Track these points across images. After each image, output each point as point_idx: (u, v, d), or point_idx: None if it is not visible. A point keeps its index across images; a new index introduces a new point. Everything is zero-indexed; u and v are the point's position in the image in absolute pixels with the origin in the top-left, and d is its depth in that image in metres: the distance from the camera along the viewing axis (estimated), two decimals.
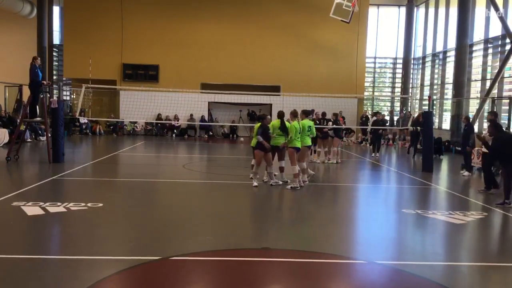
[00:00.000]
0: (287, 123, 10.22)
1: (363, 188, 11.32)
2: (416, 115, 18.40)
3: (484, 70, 20.72)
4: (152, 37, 24.98)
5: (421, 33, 27.18)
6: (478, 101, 20.63)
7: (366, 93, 27.75)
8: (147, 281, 4.84)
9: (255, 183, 9.96)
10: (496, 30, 19.86)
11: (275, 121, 10.32)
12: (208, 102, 24.91)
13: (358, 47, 25.54)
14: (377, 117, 18.26)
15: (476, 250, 6.40)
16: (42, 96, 13.14)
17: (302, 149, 10.21)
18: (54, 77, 27.46)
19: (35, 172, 12.09)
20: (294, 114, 10.44)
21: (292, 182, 10.00)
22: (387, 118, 23.62)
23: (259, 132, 9.91)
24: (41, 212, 7.30)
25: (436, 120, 22.65)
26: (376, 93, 29.57)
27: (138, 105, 21.03)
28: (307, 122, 10.58)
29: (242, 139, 24.07)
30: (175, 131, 24.76)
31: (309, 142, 10.70)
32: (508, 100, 17.51)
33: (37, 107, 13.37)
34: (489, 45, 20.33)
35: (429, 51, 26.20)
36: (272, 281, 5.06)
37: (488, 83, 19.94)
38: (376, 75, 29.48)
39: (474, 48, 21.16)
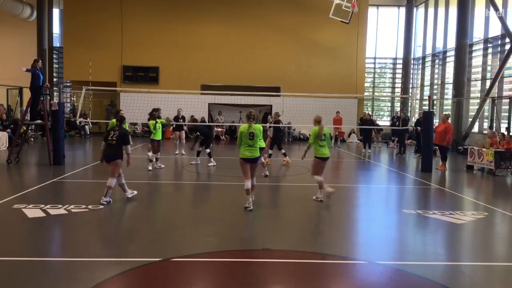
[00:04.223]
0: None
1: (362, 188, 11.31)
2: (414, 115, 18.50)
3: (484, 70, 20.72)
4: (152, 39, 25.02)
5: (421, 33, 27.20)
6: (478, 101, 20.64)
7: (366, 94, 27.76)
8: (148, 283, 4.84)
9: None
10: (495, 29, 19.88)
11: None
12: (208, 104, 24.93)
13: (357, 47, 25.56)
14: (365, 117, 19.48)
15: (477, 249, 6.39)
16: (42, 98, 13.16)
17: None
18: (54, 80, 27.49)
19: (36, 174, 12.10)
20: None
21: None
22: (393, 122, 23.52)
23: None
24: (42, 214, 7.32)
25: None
26: (376, 94, 29.57)
27: (138, 107, 21.01)
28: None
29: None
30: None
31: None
32: (508, 100, 17.53)
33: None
34: (489, 45, 20.34)
35: (429, 51, 26.22)
36: (273, 282, 5.06)
37: (488, 83, 19.94)
38: (376, 76, 29.49)
39: (474, 48, 21.17)
